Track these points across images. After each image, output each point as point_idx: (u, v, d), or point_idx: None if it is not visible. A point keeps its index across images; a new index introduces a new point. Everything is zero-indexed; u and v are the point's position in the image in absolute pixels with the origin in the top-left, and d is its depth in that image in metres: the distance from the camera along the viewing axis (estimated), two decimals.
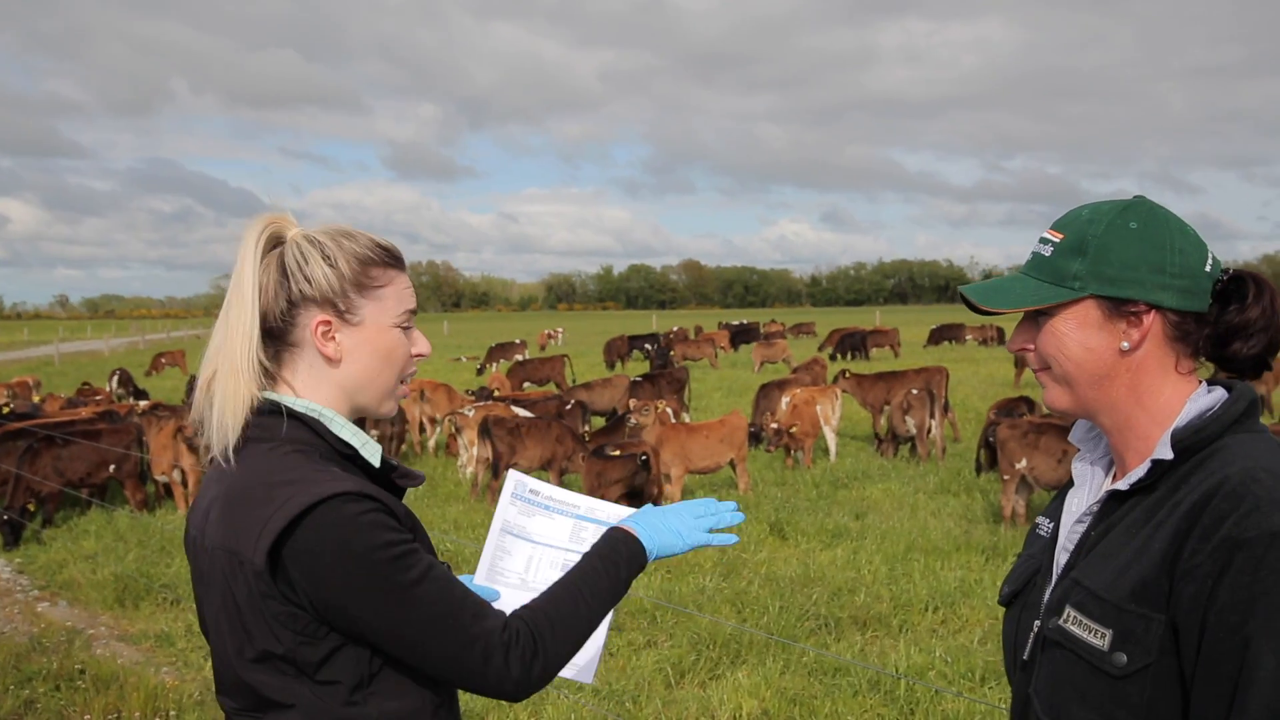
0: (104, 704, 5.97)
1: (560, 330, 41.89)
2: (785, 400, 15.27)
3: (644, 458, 9.72)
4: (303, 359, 1.91)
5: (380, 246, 1.94)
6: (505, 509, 2.23)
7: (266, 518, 1.72)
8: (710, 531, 2.11)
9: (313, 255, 1.88)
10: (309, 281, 1.87)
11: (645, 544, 2.01)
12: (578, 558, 2.08)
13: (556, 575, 2.09)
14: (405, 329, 1.96)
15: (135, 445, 11.89)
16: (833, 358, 33.04)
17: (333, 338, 1.90)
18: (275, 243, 1.92)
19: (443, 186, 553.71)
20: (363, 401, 1.96)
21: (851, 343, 35.29)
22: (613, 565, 1.96)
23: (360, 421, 2.09)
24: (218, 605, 1.82)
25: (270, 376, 1.91)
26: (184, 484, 11.79)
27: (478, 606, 1.81)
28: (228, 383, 1.85)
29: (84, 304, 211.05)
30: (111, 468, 11.50)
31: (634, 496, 9.81)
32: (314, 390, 1.92)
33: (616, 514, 2.21)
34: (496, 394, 17.55)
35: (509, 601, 2.09)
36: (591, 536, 2.16)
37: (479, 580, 2.19)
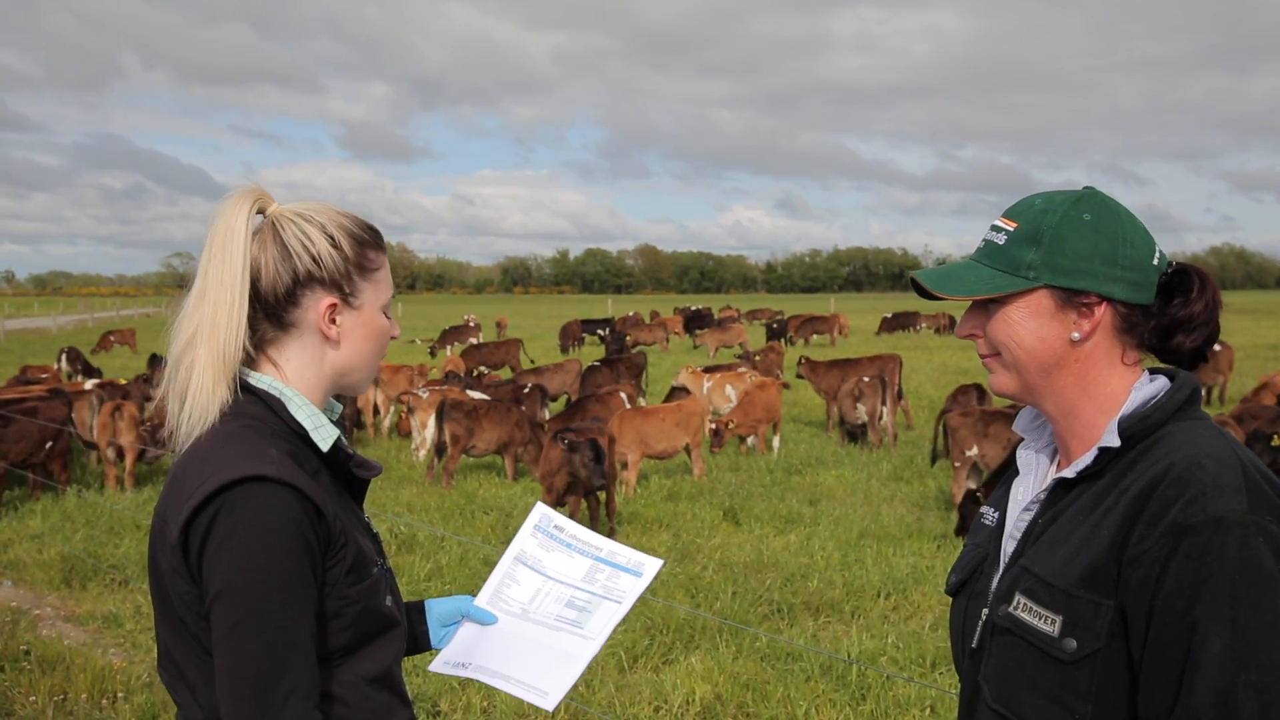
0: (50, 685, 5.89)
1: (472, 317, 40.90)
2: (731, 388, 15.31)
3: (596, 444, 9.70)
4: (296, 339, 1.85)
5: (369, 227, 1.89)
6: (524, 539, 2.23)
7: (191, 491, 1.67)
8: None
9: (316, 234, 1.82)
10: (317, 262, 1.81)
11: None
12: (587, 596, 2.08)
13: (560, 610, 2.10)
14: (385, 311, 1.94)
15: (67, 423, 11.64)
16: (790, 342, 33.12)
17: (334, 320, 1.85)
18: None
19: (397, 167, 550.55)
20: (350, 382, 1.93)
21: (773, 331, 34.88)
22: None
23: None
24: (154, 571, 1.79)
25: (253, 356, 1.84)
26: (119, 462, 11.62)
27: (300, 689, 1.67)
28: (206, 371, 1.77)
29: (30, 280, 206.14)
30: (48, 445, 11.27)
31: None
32: (302, 370, 1.86)
33: (636, 560, 2.17)
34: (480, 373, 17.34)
35: (504, 629, 2.10)
36: (605, 579, 2.14)
37: (480, 602, 2.18)
